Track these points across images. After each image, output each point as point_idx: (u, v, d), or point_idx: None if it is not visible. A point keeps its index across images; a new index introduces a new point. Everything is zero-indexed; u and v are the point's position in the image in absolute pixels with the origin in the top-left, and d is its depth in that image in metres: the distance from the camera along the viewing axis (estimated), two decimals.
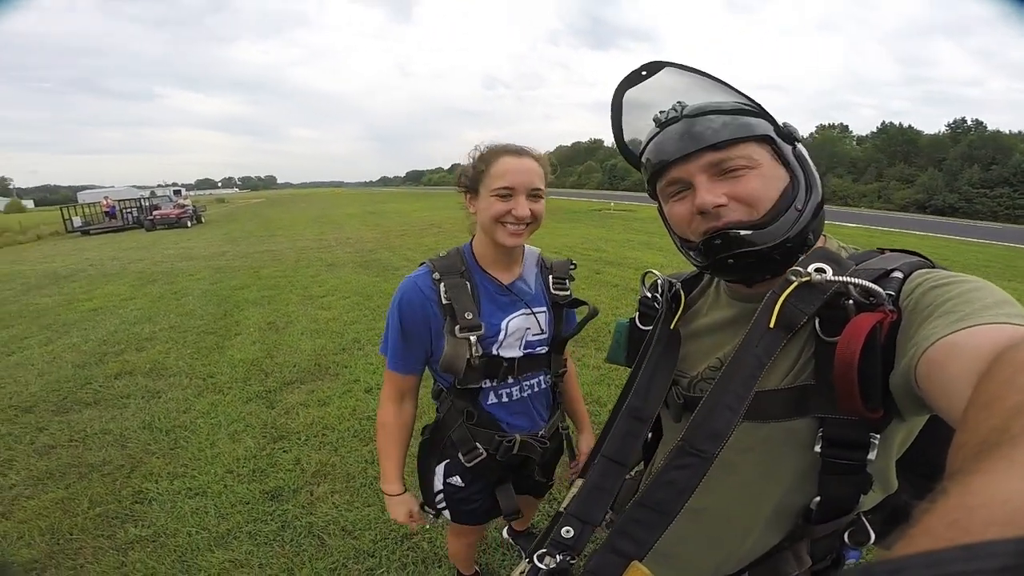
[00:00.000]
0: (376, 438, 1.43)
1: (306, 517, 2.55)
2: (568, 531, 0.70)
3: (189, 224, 22.80)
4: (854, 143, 66.01)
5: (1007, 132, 49.67)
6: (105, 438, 3.47)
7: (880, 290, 0.62)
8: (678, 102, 0.77)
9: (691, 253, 0.78)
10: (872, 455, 0.65)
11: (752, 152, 0.71)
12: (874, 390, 0.61)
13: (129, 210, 25.70)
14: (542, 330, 1.35)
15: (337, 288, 7.61)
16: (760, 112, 0.75)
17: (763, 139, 0.72)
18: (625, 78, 0.85)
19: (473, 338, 1.22)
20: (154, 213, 22.87)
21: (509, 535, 2.30)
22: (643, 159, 0.81)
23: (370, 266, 9.42)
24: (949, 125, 55.80)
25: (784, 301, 0.66)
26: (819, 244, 0.76)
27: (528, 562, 0.73)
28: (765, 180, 0.71)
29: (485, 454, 1.35)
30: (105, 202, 26.43)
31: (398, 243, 12.59)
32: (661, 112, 0.78)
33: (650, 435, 1.02)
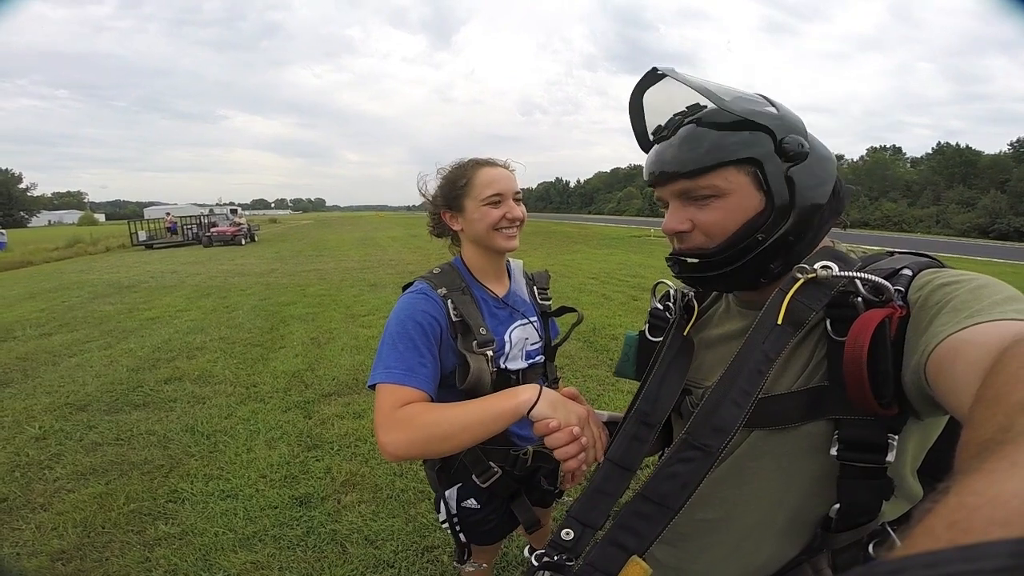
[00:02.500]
0: (429, 439, 0.98)
1: (331, 524, 2.56)
2: (568, 533, 0.69)
3: (243, 242, 23.78)
4: (908, 165, 62.89)
5: None
6: (149, 439, 3.60)
7: (888, 285, 0.62)
8: (675, 114, 0.77)
9: None
10: (891, 456, 0.63)
11: (723, 180, 0.70)
12: (886, 386, 0.60)
13: (189, 226, 27.08)
14: (539, 338, 1.38)
15: (378, 308, 7.76)
16: (758, 127, 0.70)
17: (745, 162, 0.70)
18: (642, 79, 0.82)
19: (490, 353, 1.20)
20: (212, 230, 24.03)
21: (531, 554, 2.21)
22: None
23: None
24: (1012, 144, 52.47)
25: (791, 297, 0.65)
26: (824, 246, 0.76)
27: (528, 563, 0.72)
28: (727, 211, 0.71)
29: (500, 472, 1.30)
30: (168, 218, 28.10)
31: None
32: (660, 125, 0.79)
33: (664, 450, 0.99)
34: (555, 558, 0.68)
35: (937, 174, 54.45)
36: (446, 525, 1.40)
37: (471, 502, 1.36)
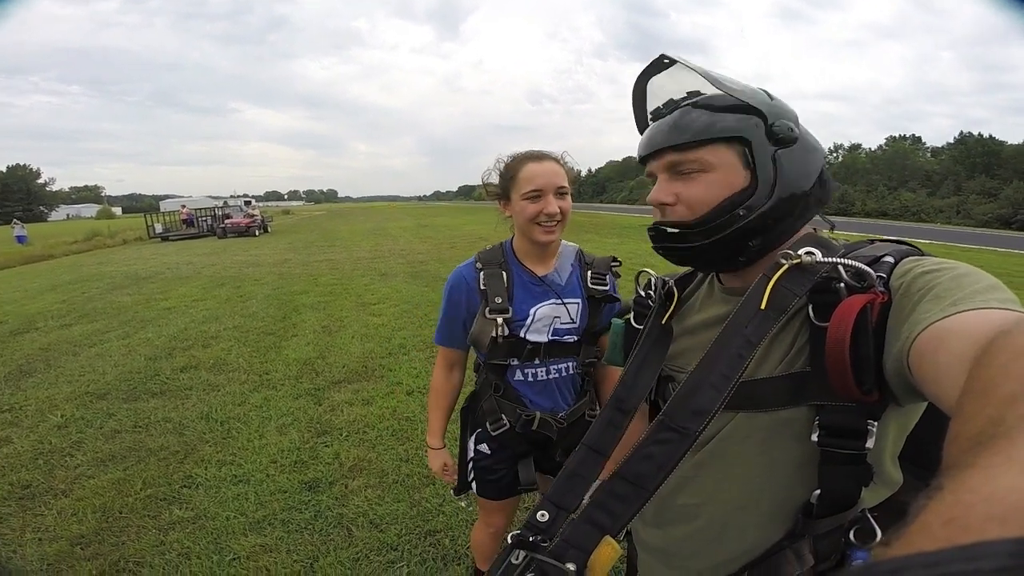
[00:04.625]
0: (427, 401, 1.66)
1: (338, 508, 2.63)
2: (543, 515, 0.70)
3: (257, 233, 24.10)
4: (928, 155, 61.19)
5: None
6: (166, 425, 3.70)
7: (871, 271, 0.62)
8: (671, 99, 0.80)
9: None
10: (870, 443, 0.64)
11: (711, 155, 0.73)
12: (867, 372, 0.60)
13: (204, 219, 27.44)
14: (572, 320, 1.46)
15: (388, 296, 7.84)
16: (752, 110, 0.73)
17: (734, 140, 0.73)
18: (648, 66, 0.85)
19: (500, 319, 1.38)
20: (226, 222, 24.32)
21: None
22: None
23: (420, 277, 9.66)
24: None
25: (775, 283, 0.66)
26: (807, 233, 0.77)
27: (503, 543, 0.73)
28: (710, 185, 0.74)
29: (508, 425, 1.48)
30: (183, 211, 28.40)
31: (448, 255, 12.84)
32: (659, 107, 0.82)
33: None
34: (530, 539, 0.69)
35: (959, 164, 52.83)
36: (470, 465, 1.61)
37: (484, 447, 1.56)
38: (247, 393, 4.26)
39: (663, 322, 0.87)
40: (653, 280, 0.94)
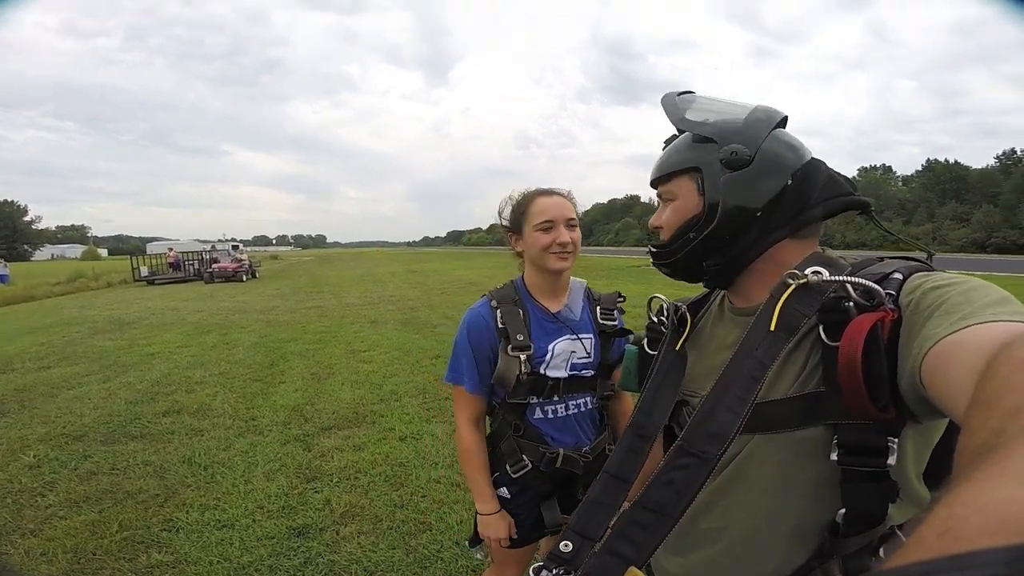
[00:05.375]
0: (461, 462, 1.54)
1: (329, 555, 2.49)
2: (567, 545, 0.69)
3: (244, 279, 23.45)
4: (899, 184, 63.37)
5: None
6: (146, 469, 3.54)
7: (879, 288, 0.63)
8: (673, 134, 0.88)
9: None
10: (892, 460, 0.63)
11: (675, 186, 0.82)
12: (881, 389, 0.60)
13: (191, 262, 26.96)
14: (588, 354, 1.46)
15: (378, 343, 7.74)
16: (705, 139, 0.78)
17: (691, 170, 0.79)
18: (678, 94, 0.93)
19: (523, 356, 1.38)
20: (213, 266, 23.71)
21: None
22: None
23: (411, 323, 9.56)
24: (998, 157, 53.21)
25: (784, 304, 0.66)
26: (815, 252, 0.78)
27: None
28: (675, 213, 0.81)
29: (530, 466, 1.44)
30: (170, 254, 28.10)
31: (438, 301, 12.80)
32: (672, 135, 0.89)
33: None
34: (553, 571, 0.67)
35: (929, 191, 54.99)
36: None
37: (503, 491, 1.50)
38: (232, 438, 4.10)
39: (676, 348, 0.88)
40: (665, 306, 0.95)
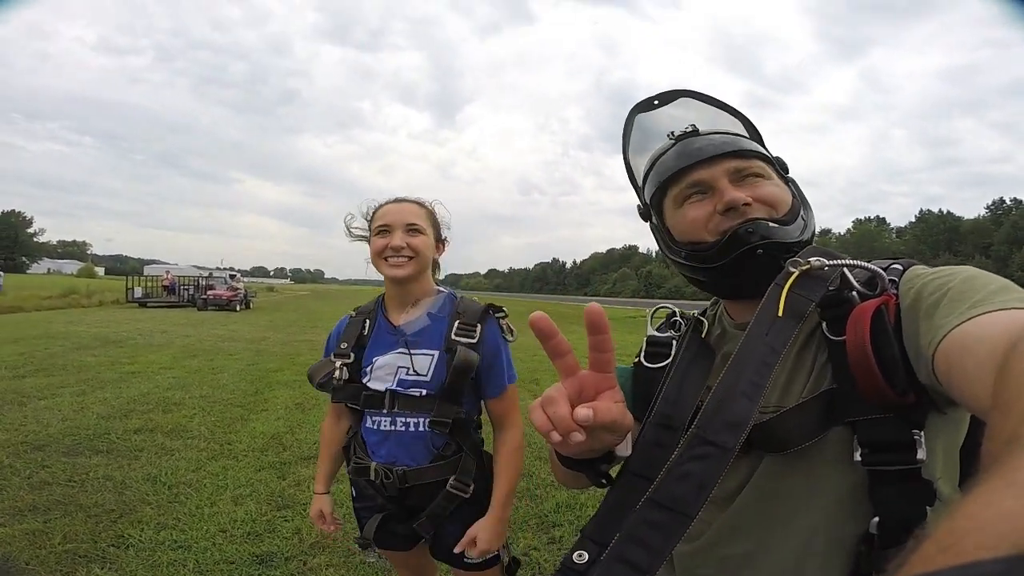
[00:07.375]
0: None
1: None
2: (581, 555, 0.59)
3: (238, 308, 22.71)
4: (893, 236, 63.79)
5: None
6: (105, 483, 3.30)
7: (882, 272, 0.64)
8: (691, 124, 0.83)
9: (703, 255, 0.78)
10: (921, 454, 0.59)
11: (762, 169, 0.78)
12: (896, 372, 0.59)
13: (186, 287, 26.58)
14: (418, 373, 1.36)
15: None
16: (762, 142, 0.84)
17: (769, 160, 0.80)
18: (639, 104, 0.92)
19: (339, 363, 1.40)
20: (208, 293, 23.24)
21: None
22: (654, 166, 0.84)
23: None
24: (988, 207, 53.79)
25: (789, 290, 0.65)
26: (811, 246, 0.79)
27: None
28: (780, 188, 0.78)
29: (355, 469, 1.43)
30: (167, 277, 27.91)
31: None
32: (673, 132, 0.84)
33: None
34: None
35: (922, 243, 55.67)
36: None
37: (353, 489, 1.54)
38: (204, 460, 3.86)
39: (702, 336, 0.84)
40: (676, 311, 0.93)
